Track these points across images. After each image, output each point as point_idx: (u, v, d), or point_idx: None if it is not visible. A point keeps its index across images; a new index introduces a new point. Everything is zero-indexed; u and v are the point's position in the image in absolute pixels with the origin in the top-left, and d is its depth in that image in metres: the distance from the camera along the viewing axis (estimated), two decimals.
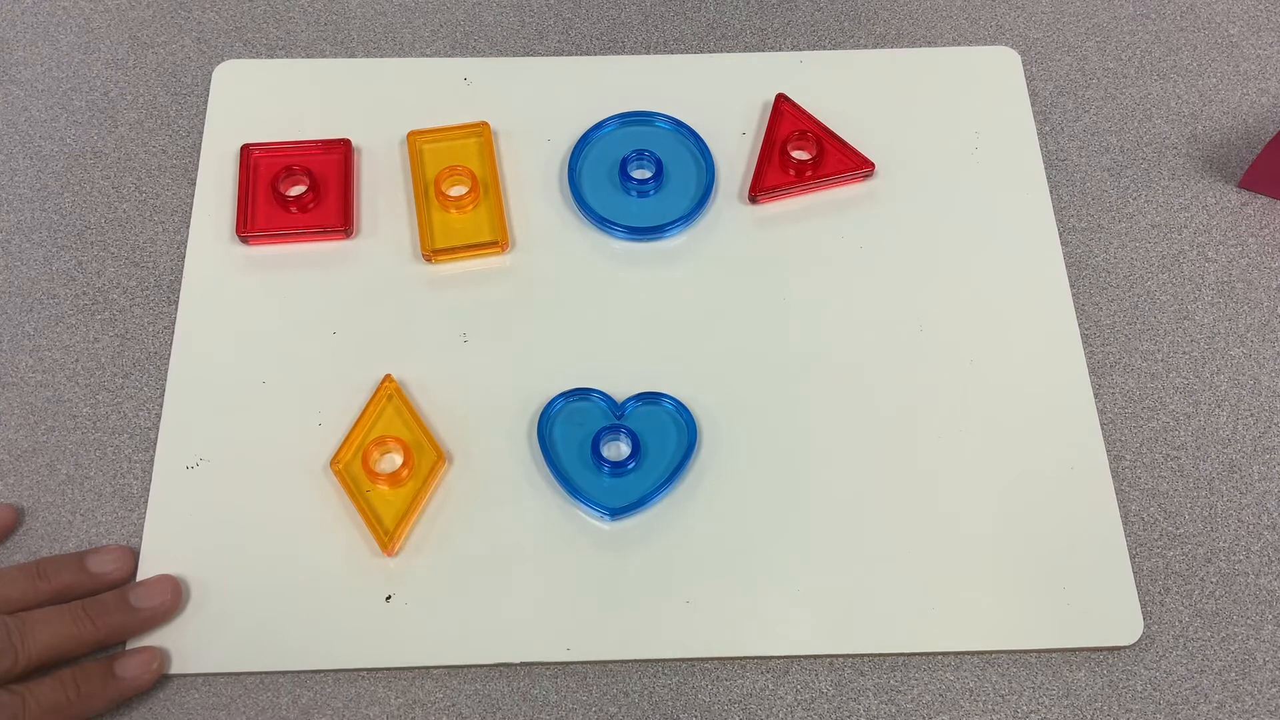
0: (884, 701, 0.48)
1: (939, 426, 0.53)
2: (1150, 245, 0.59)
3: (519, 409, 0.53)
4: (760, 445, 0.53)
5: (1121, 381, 0.55)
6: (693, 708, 0.48)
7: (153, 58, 0.63)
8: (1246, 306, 0.57)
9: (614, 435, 0.52)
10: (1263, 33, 0.65)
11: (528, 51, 0.63)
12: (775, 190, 0.58)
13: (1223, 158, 0.61)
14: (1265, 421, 0.54)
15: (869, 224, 0.58)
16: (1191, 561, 0.51)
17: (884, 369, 0.54)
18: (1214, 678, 0.49)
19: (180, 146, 0.60)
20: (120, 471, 0.52)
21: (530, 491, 0.51)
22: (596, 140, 0.60)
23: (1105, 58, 0.64)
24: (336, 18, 0.64)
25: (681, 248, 0.58)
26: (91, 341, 0.55)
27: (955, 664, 0.49)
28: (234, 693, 0.48)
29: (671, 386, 0.53)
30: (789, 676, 0.48)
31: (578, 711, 0.48)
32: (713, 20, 0.65)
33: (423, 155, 0.59)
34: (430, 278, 0.56)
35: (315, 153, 0.59)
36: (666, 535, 0.51)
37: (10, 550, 0.50)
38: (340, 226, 0.57)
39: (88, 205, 0.58)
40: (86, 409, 0.53)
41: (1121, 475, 0.53)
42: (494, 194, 0.58)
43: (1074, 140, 0.61)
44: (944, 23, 0.65)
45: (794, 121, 0.60)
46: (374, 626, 0.49)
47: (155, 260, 0.57)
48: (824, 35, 0.64)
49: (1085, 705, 0.48)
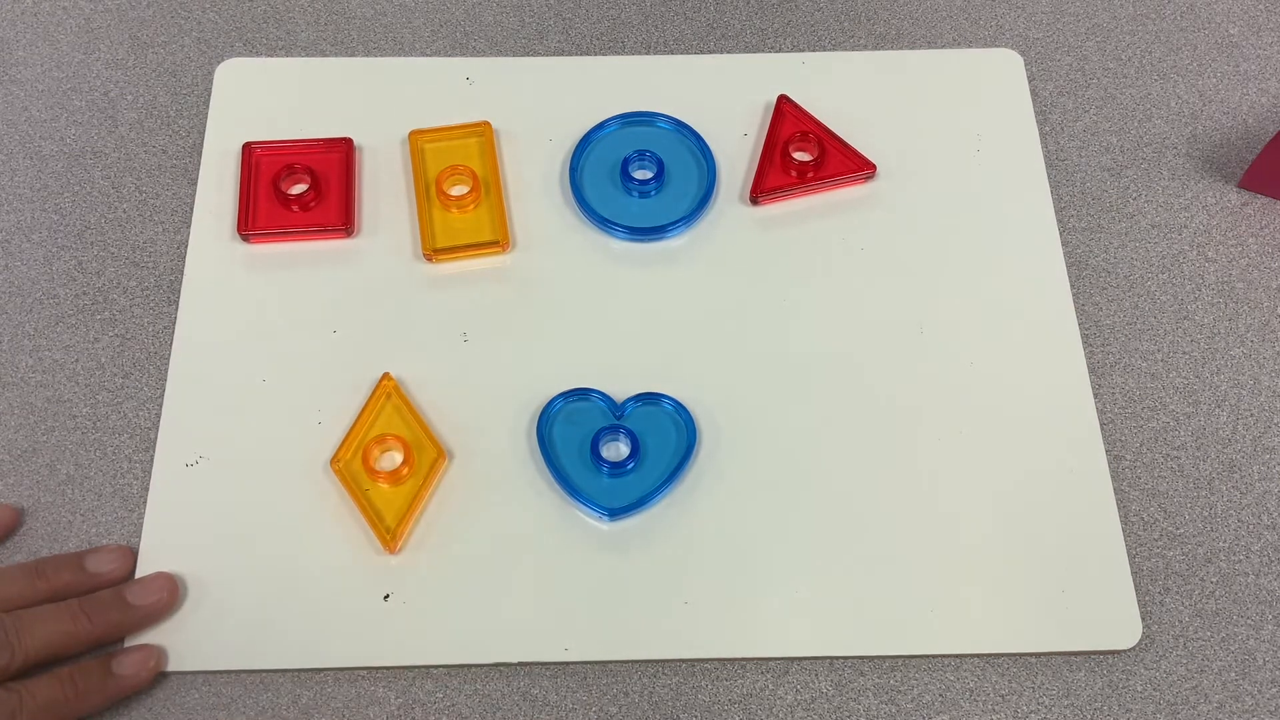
0: (884, 702, 0.48)
1: (939, 427, 0.53)
2: (1150, 245, 0.59)
3: (519, 409, 0.53)
4: (760, 446, 0.53)
5: (1121, 381, 0.55)
6: (693, 708, 0.48)
7: (153, 57, 0.63)
8: (1246, 306, 0.57)
9: (613, 435, 0.52)
10: (1263, 33, 0.65)
11: (528, 51, 0.63)
12: (776, 191, 0.58)
13: (1223, 158, 0.61)
14: (1265, 421, 0.54)
15: (870, 225, 0.58)
16: (1191, 562, 0.51)
17: (884, 370, 0.54)
18: (1214, 678, 0.49)
19: (180, 146, 0.60)
20: (120, 471, 0.52)
21: (529, 491, 0.51)
22: (598, 140, 0.60)
23: (1105, 58, 0.64)
24: (337, 17, 0.64)
25: (682, 248, 0.58)
26: (91, 341, 0.55)
27: (955, 664, 0.49)
28: (234, 692, 0.48)
29: (671, 387, 0.53)
30: (789, 677, 0.48)
31: (578, 711, 0.48)
32: (713, 20, 0.65)
33: (424, 154, 0.59)
34: (431, 277, 0.56)
35: (317, 151, 0.59)
36: (666, 536, 0.51)
37: (10, 550, 0.50)
38: (341, 225, 0.57)
39: (88, 205, 0.58)
40: (86, 409, 0.53)
41: (1121, 475, 0.53)
42: (495, 194, 0.58)
43: (1074, 140, 0.61)
44: (944, 23, 0.65)
45: (795, 122, 0.60)
46: (373, 625, 0.49)
47: (155, 260, 0.57)
48: (825, 36, 0.64)
49: (1085, 706, 0.48)
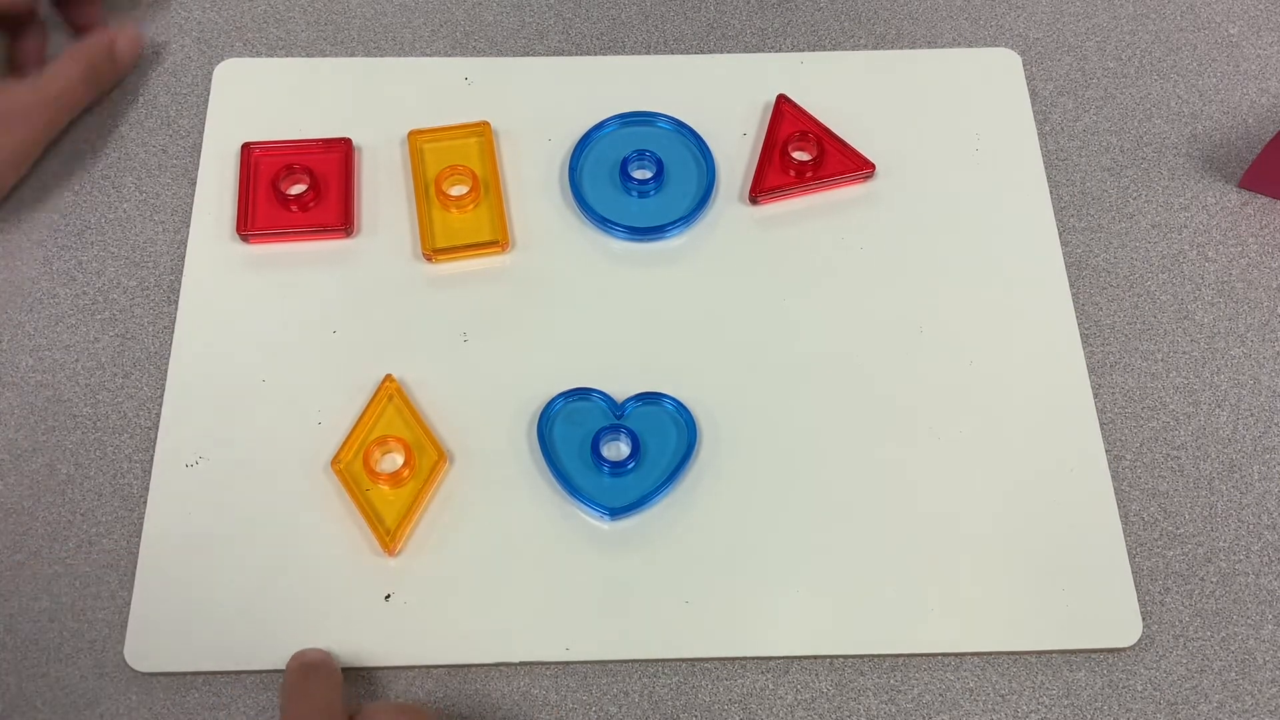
0: (884, 701, 0.48)
1: (939, 427, 0.53)
2: (1150, 245, 0.59)
3: (519, 409, 0.53)
4: (760, 445, 0.53)
5: (1121, 381, 0.55)
6: (693, 708, 0.48)
7: (153, 57, 0.63)
8: (1246, 306, 0.57)
9: (614, 435, 0.52)
10: (1263, 33, 0.65)
11: (528, 51, 0.63)
12: (776, 191, 0.58)
13: (1223, 158, 0.61)
14: (1265, 421, 0.54)
15: (869, 225, 0.58)
16: (1191, 561, 0.51)
17: (884, 369, 0.54)
18: (1214, 678, 0.49)
19: (180, 146, 0.60)
20: (120, 471, 0.52)
21: (530, 491, 0.51)
22: (597, 140, 0.60)
23: (1105, 58, 0.64)
24: (336, 17, 0.64)
25: (682, 248, 0.58)
26: (91, 341, 0.55)
27: (955, 664, 0.49)
28: (234, 692, 0.48)
29: (671, 386, 0.53)
30: (789, 676, 0.48)
31: (578, 711, 0.48)
32: (713, 20, 0.65)
33: (423, 154, 0.59)
34: (430, 277, 0.56)
35: (316, 151, 0.59)
36: (666, 535, 0.51)
37: (10, 550, 0.50)
38: (340, 225, 0.57)
39: (88, 205, 0.58)
40: (86, 409, 0.53)
41: (1121, 475, 0.53)
42: (494, 193, 0.58)
43: (1074, 140, 0.61)
44: (944, 23, 0.65)
45: (795, 122, 0.60)
46: (373, 626, 0.49)
47: (155, 260, 0.57)
48: (824, 36, 0.64)
49: (1085, 705, 0.48)
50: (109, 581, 0.50)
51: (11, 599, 0.49)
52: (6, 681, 0.48)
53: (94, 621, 0.49)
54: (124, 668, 0.48)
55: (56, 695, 0.48)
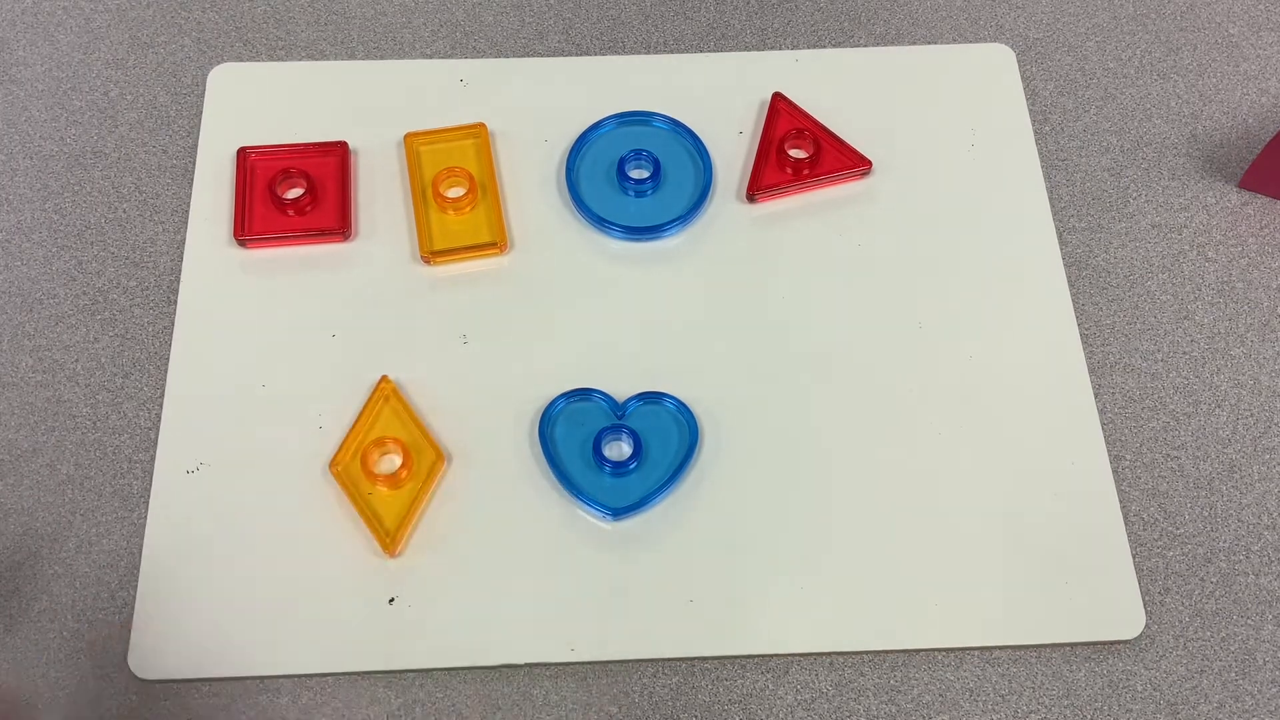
0: (884, 701, 0.48)
1: (939, 424, 0.53)
2: (1150, 245, 0.59)
3: (519, 409, 0.53)
4: (761, 444, 0.53)
5: (1121, 381, 0.55)
6: (693, 708, 0.48)
7: (152, 58, 0.63)
8: (1246, 306, 0.57)
9: (615, 435, 0.52)
10: (1263, 33, 0.65)
11: (526, 52, 0.63)
12: (773, 189, 0.58)
13: (1223, 158, 0.61)
14: (1265, 421, 0.54)
15: (867, 222, 0.58)
16: (1192, 561, 0.51)
17: (884, 367, 0.54)
18: (1214, 677, 0.49)
19: (180, 146, 0.60)
20: (120, 472, 0.52)
21: (532, 492, 0.51)
22: (594, 140, 0.60)
23: (1105, 57, 0.64)
24: (336, 18, 0.64)
25: (680, 247, 0.58)
26: (91, 341, 0.55)
27: (955, 663, 0.49)
28: (234, 692, 0.48)
29: (672, 386, 0.53)
30: (789, 676, 0.48)
31: (578, 711, 0.48)
32: (711, 20, 0.65)
33: (420, 157, 0.59)
34: (429, 279, 0.56)
35: (312, 155, 0.59)
36: (668, 535, 0.51)
37: (10, 551, 0.50)
38: (338, 229, 0.57)
39: (88, 205, 0.58)
40: (86, 409, 0.53)
41: (1121, 475, 0.53)
42: (492, 195, 0.58)
43: (1073, 140, 0.61)
44: (944, 23, 0.65)
45: (791, 120, 0.60)
46: (378, 629, 0.48)
47: (155, 260, 0.57)
48: (823, 35, 0.64)
49: (1085, 704, 0.48)
50: (109, 582, 0.50)
51: (12, 599, 0.49)
52: (6, 681, 0.48)
53: (94, 622, 0.49)
54: (125, 669, 0.48)
55: (57, 695, 0.48)
